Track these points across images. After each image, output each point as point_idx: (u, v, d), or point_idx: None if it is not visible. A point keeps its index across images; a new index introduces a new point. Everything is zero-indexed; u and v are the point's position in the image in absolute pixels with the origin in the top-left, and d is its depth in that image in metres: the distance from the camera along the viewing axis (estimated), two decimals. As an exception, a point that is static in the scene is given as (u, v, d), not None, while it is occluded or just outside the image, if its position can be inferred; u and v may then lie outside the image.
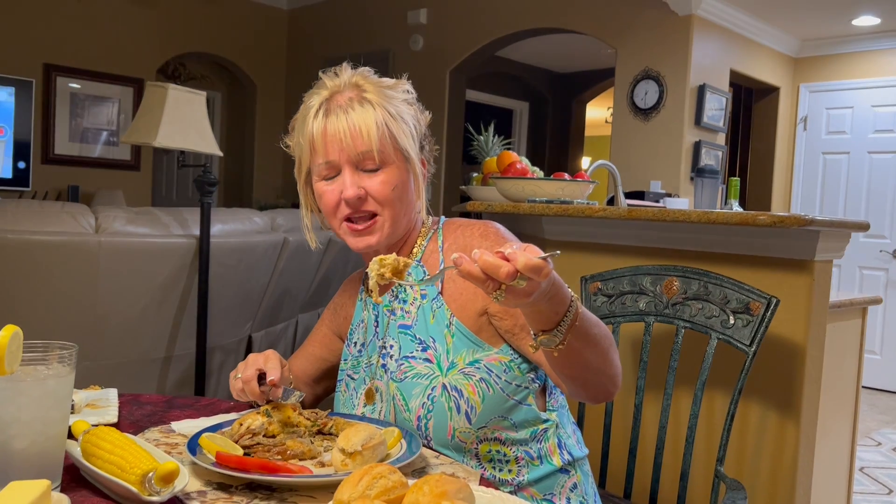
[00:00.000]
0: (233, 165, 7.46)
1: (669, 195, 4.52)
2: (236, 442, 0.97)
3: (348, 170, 1.12)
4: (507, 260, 0.79)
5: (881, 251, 5.51)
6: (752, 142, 6.11)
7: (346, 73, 1.17)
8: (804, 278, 1.80)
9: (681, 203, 4.02)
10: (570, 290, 0.93)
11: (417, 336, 1.16)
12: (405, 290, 1.20)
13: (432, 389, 1.11)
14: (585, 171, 2.57)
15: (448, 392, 1.10)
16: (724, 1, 4.85)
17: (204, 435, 0.95)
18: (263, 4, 7.17)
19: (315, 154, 1.15)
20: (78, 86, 6.09)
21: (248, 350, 3.26)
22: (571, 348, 0.94)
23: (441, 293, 1.16)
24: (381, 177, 1.13)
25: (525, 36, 5.64)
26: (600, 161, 2.75)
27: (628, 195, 4.09)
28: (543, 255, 0.80)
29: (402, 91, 1.18)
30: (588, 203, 2.22)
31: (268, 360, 1.14)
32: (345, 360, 1.29)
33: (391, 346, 1.18)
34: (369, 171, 1.13)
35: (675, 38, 4.80)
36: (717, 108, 5.01)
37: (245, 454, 0.95)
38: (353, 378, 1.25)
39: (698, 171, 4.84)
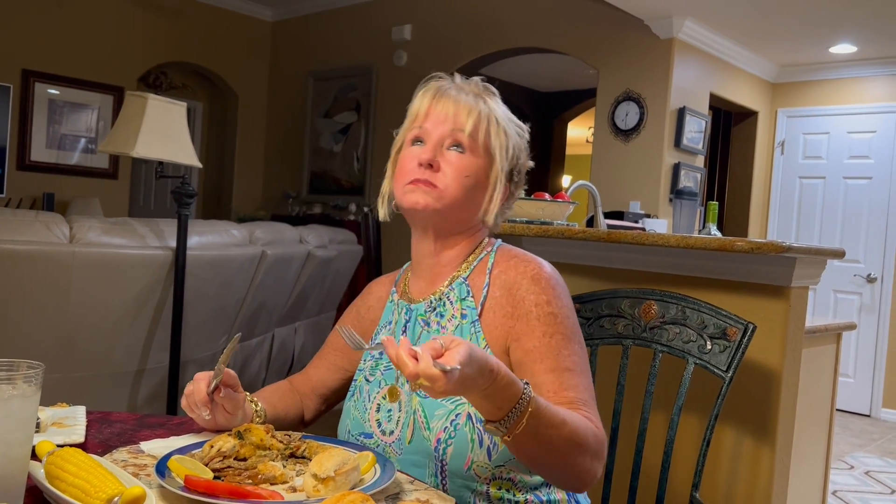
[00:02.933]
0: (212, 176, 7.41)
1: (648, 216, 4.56)
2: (206, 465, 0.95)
3: (435, 139, 1.16)
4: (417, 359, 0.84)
5: (855, 275, 5.59)
6: (731, 165, 6.18)
7: (476, 80, 1.24)
8: (781, 304, 1.81)
9: (659, 224, 4.05)
10: (527, 388, 0.94)
11: None
12: (443, 304, 1.18)
13: (456, 416, 1.09)
14: (566, 190, 2.58)
15: (473, 423, 1.08)
16: (704, 25, 4.92)
17: (173, 457, 0.92)
18: (247, 15, 7.15)
19: (414, 121, 1.19)
20: (57, 92, 6.02)
21: (223, 364, 3.22)
22: (520, 444, 0.95)
23: (480, 317, 1.15)
24: (459, 159, 1.15)
25: (508, 55, 5.68)
26: (580, 181, 2.76)
27: (608, 215, 4.12)
28: (447, 367, 0.83)
29: (517, 125, 1.24)
30: (568, 224, 2.23)
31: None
32: (364, 359, 1.26)
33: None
34: (452, 149, 1.15)
35: (657, 60, 4.85)
36: (696, 131, 5.06)
37: (215, 477, 0.93)
38: (368, 380, 1.22)
39: (677, 193, 4.89)
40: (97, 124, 6.26)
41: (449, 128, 1.15)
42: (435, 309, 1.19)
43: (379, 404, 1.18)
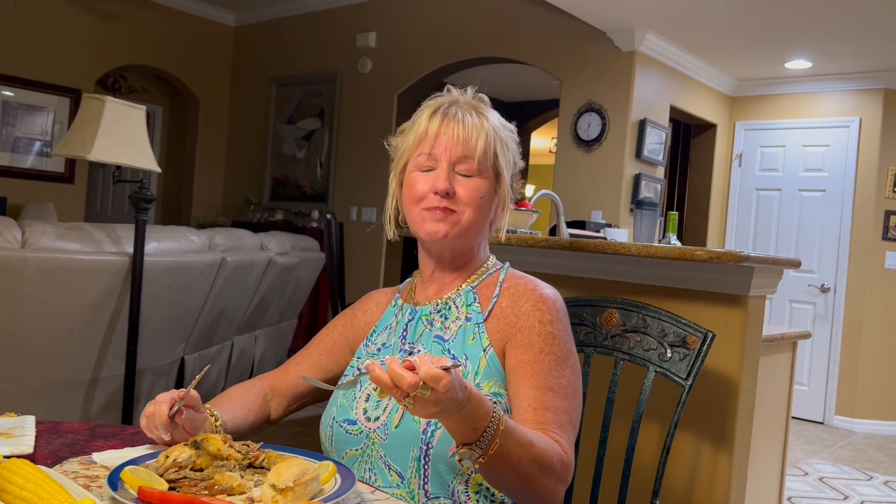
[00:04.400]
0: (172, 182, 7.29)
1: (610, 225, 4.60)
2: (161, 475, 0.92)
3: (445, 166, 1.18)
4: (413, 369, 0.86)
5: (810, 285, 5.71)
6: (690, 176, 6.28)
7: (470, 92, 1.27)
8: (739, 313, 1.84)
9: (620, 234, 4.09)
10: (496, 406, 0.97)
11: (451, 351, 1.19)
12: (449, 308, 1.23)
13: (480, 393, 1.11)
14: (529, 199, 2.59)
15: None
16: (665, 39, 5.00)
17: (126, 468, 0.90)
18: (209, 19, 7.07)
19: (421, 144, 1.20)
20: (11, 94, 5.88)
21: (181, 373, 3.16)
22: (492, 466, 0.97)
23: (486, 321, 1.20)
24: (472, 183, 1.19)
25: (472, 64, 5.70)
26: (544, 191, 2.78)
27: (570, 224, 4.15)
28: (446, 365, 0.86)
29: (510, 130, 1.27)
30: (531, 232, 2.23)
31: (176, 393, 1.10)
32: (358, 357, 1.29)
33: (418, 351, 1.21)
34: (463, 175, 1.19)
35: (618, 72, 4.91)
36: (656, 143, 5.13)
37: (170, 489, 0.90)
38: (362, 372, 1.23)
39: (638, 203, 4.95)
40: (53, 127, 6.12)
41: (459, 153, 1.18)
42: (440, 311, 1.24)
43: (369, 394, 1.20)
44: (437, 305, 1.25)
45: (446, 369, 0.86)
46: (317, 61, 6.44)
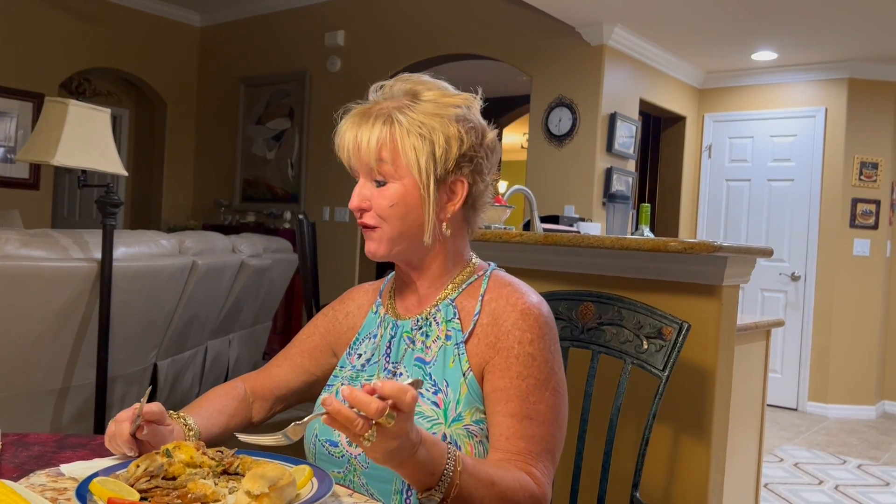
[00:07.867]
0: (141, 186, 7.19)
1: (583, 220, 4.62)
2: (132, 485, 0.90)
3: (362, 178, 1.14)
4: (373, 393, 0.83)
5: (780, 274, 5.79)
6: (661, 168, 6.33)
7: (403, 84, 1.14)
8: (713, 303, 1.85)
9: (593, 227, 4.11)
10: (451, 449, 0.96)
11: (433, 377, 1.13)
12: (430, 324, 1.17)
13: (433, 435, 1.05)
14: (502, 195, 2.58)
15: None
16: (633, 33, 5.03)
17: (96, 479, 0.87)
18: (175, 20, 6.97)
19: (342, 152, 1.16)
20: (-29, 99, 5.75)
21: (154, 379, 3.11)
22: None
23: (466, 342, 1.14)
24: (383, 191, 1.11)
25: (442, 61, 5.69)
26: (517, 186, 2.77)
27: (543, 219, 4.15)
28: (410, 380, 0.86)
29: (451, 107, 1.12)
30: (505, 228, 2.23)
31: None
32: (342, 366, 1.24)
33: (400, 375, 1.16)
34: (378, 182, 1.12)
35: (588, 67, 4.93)
36: (627, 136, 5.16)
37: (142, 499, 0.88)
38: (318, 414, 1.19)
39: (610, 197, 4.97)
40: (16, 133, 5.99)
41: (363, 161, 1.11)
42: (421, 328, 1.18)
43: None
44: (418, 321, 1.18)
45: (413, 385, 0.84)
46: (285, 61, 6.38)
